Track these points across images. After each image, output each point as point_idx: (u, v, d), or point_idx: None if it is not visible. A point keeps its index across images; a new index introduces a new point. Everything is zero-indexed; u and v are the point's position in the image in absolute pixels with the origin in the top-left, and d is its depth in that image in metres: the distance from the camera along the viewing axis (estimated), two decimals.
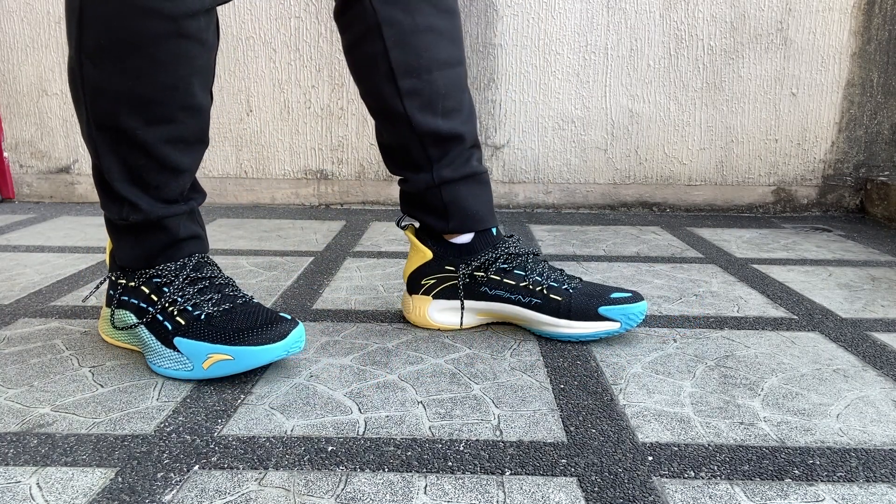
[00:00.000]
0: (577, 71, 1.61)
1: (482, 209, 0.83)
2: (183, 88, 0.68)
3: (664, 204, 1.68)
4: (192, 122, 0.71)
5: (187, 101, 0.69)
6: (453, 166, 0.80)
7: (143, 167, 0.71)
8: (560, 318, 0.80)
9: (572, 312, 0.80)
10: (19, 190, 1.72)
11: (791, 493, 0.52)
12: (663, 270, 1.14)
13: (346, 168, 1.69)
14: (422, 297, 0.85)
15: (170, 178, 0.72)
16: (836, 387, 0.70)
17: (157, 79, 0.67)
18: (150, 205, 0.72)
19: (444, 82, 0.77)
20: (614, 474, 0.54)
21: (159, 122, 0.69)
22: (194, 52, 0.67)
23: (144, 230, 0.73)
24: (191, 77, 0.68)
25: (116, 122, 0.68)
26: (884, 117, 1.62)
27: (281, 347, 0.68)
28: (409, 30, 0.74)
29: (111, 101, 0.67)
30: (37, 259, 1.17)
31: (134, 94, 0.67)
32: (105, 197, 0.73)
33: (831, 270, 1.15)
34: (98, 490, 0.51)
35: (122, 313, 0.75)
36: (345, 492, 0.51)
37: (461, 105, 0.80)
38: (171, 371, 0.71)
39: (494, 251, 0.82)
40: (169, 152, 0.70)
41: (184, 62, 0.67)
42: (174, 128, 0.70)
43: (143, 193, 0.72)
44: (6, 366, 0.74)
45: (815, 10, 1.56)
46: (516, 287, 0.82)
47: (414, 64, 0.76)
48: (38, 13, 1.61)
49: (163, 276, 0.73)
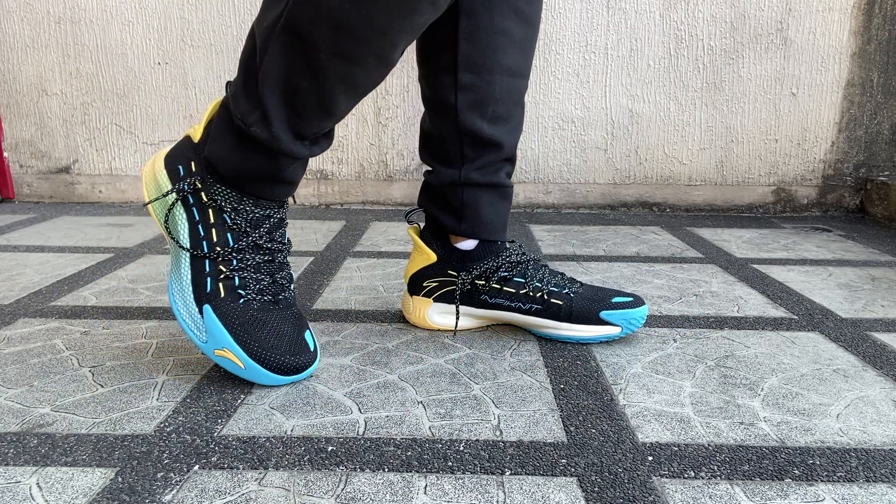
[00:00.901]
0: (577, 71, 1.61)
1: (496, 221, 0.82)
2: (390, 38, 0.62)
3: (664, 204, 1.68)
4: (376, 73, 0.65)
5: (385, 51, 0.63)
6: (482, 171, 0.80)
7: (301, 90, 0.63)
8: (562, 322, 0.80)
9: (573, 316, 0.80)
10: (19, 190, 1.72)
11: (791, 493, 0.52)
12: (663, 270, 1.14)
13: (346, 168, 1.69)
14: (423, 299, 0.85)
15: (317, 115, 0.65)
16: (836, 387, 0.70)
17: (376, 17, 0.60)
18: (282, 130, 0.65)
19: (502, 88, 0.77)
20: (614, 474, 0.54)
21: (347, 58, 0.62)
22: (423, 8, 0.61)
23: (256, 148, 0.66)
24: (403, 31, 0.62)
25: (310, 34, 0.60)
26: (884, 117, 1.62)
27: (290, 380, 0.68)
28: (485, 26, 0.74)
29: (319, 13, 0.60)
30: (37, 259, 1.17)
31: (344, 18, 0.60)
32: (242, 88, 0.65)
33: (831, 270, 1.15)
34: (98, 490, 0.51)
35: (180, 215, 0.69)
36: (345, 492, 0.51)
37: (510, 116, 0.79)
38: (185, 326, 0.68)
39: (496, 260, 0.82)
40: (336, 91, 0.64)
41: (408, 13, 0.60)
42: (356, 70, 0.63)
43: (285, 114, 0.64)
44: (6, 366, 0.74)
45: (815, 10, 1.56)
46: (516, 294, 0.81)
47: (478, 61, 0.75)
48: (38, 13, 1.61)
49: (237, 220, 0.68)
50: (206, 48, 1.62)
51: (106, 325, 0.86)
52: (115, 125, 1.68)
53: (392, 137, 1.66)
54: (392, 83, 1.62)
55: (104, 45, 1.63)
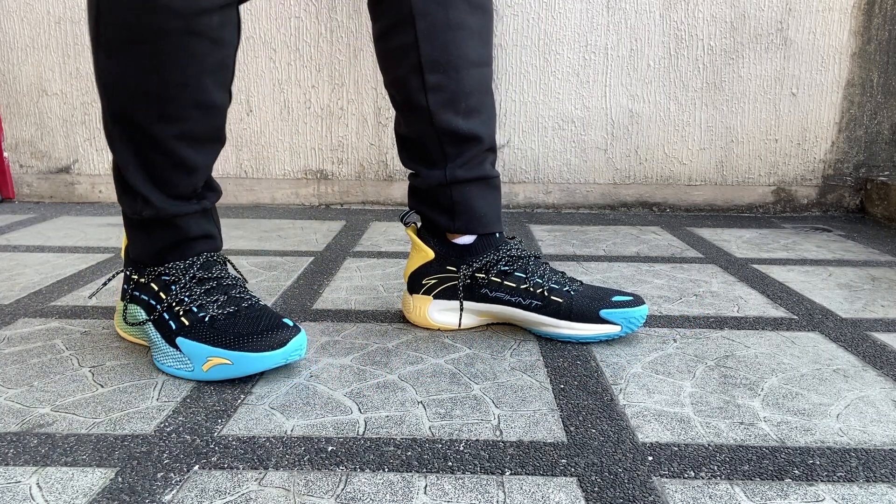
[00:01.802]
0: (577, 71, 1.61)
1: (490, 213, 0.83)
2: (194, 86, 0.68)
3: (664, 204, 1.68)
4: (206, 120, 0.70)
5: (199, 98, 0.69)
6: (467, 167, 0.80)
7: (156, 163, 0.70)
8: (561, 320, 0.80)
9: (573, 314, 0.79)
10: (19, 190, 1.72)
11: (791, 493, 0.52)
12: (663, 270, 1.14)
13: (346, 168, 1.69)
14: (422, 297, 0.85)
15: (182, 176, 0.72)
16: (836, 387, 0.70)
17: (168, 75, 0.66)
18: (162, 201, 0.72)
19: (470, 81, 0.77)
20: (614, 474, 0.54)
21: (171, 119, 0.68)
22: (205, 50, 0.67)
23: (155, 226, 0.73)
24: (202, 75, 0.68)
25: (130, 116, 0.68)
26: (884, 117, 1.62)
27: (280, 355, 0.68)
28: (442, 24, 0.74)
29: (125, 94, 0.67)
30: (37, 259, 1.17)
31: (145, 88, 0.67)
32: (120, 190, 0.74)
33: (831, 270, 1.15)
34: (98, 490, 0.51)
35: (134, 308, 0.76)
36: (345, 492, 0.51)
37: (483, 106, 0.79)
38: (173, 370, 0.71)
39: (496, 253, 0.82)
40: (181, 149, 0.70)
41: (194, 60, 0.67)
42: (186, 125, 0.69)
43: (156, 189, 0.72)
44: (6, 366, 0.74)
45: (815, 10, 1.56)
46: (517, 289, 0.81)
47: (442, 60, 0.75)
48: (38, 13, 1.61)
49: (171, 273, 0.73)
50: None
51: (106, 325, 0.86)
52: None
53: (392, 137, 1.66)
54: None
55: None
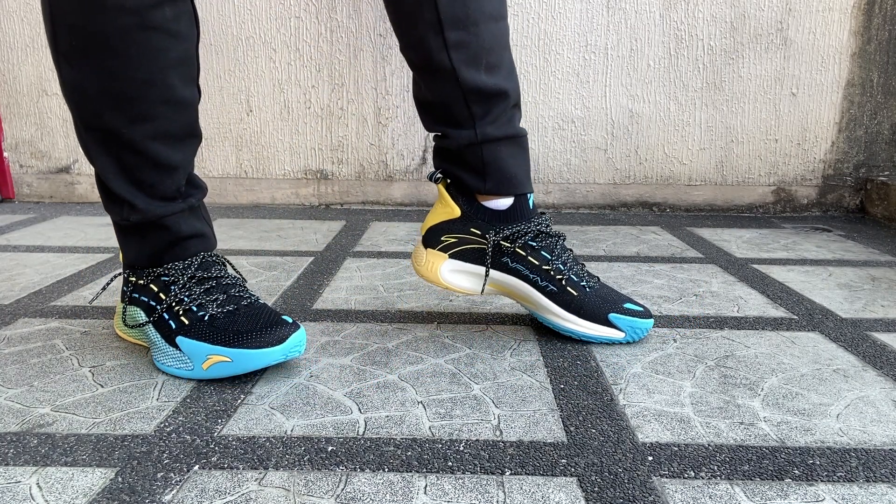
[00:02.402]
0: (577, 71, 1.61)
1: (520, 173, 0.80)
2: (160, 83, 0.67)
3: (664, 204, 1.68)
4: (177, 116, 0.70)
5: (167, 95, 0.68)
6: (497, 124, 0.77)
7: (134, 165, 0.70)
8: (569, 313, 0.79)
9: (583, 311, 0.79)
10: (19, 190, 1.72)
11: (791, 493, 0.52)
12: (663, 270, 1.14)
13: (346, 168, 1.69)
14: (437, 253, 0.82)
15: (163, 175, 0.71)
16: (836, 387, 0.70)
17: (131, 74, 0.66)
18: (147, 203, 0.71)
19: (489, 36, 0.75)
20: (614, 474, 0.54)
21: (142, 120, 0.68)
22: (164, 45, 0.66)
23: (146, 230, 0.73)
24: (166, 70, 0.67)
25: (101, 121, 0.68)
26: (884, 117, 1.62)
27: (279, 351, 0.68)
28: None
29: (92, 100, 0.67)
30: (37, 259, 1.17)
31: (111, 92, 0.66)
32: (105, 198, 0.74)
33: (831, 270, 1.15)
34: (98, 490, 0.51)
35: (133, 310, 0.75)
36: (345, 492, 0.51)
37: (502, 61, 0.77)
38: (173, 369, 0.71)
39: (528, 224, 0.80)
40: (158, 149, 0.70)
41: (155, 56, 0.66)
42: (158, 124, 0.69)
43: (139, 192, 0.71)
44: (6, 366, 0.74)
45: (815, 10, 1.56)
46: (538, 268, 0.80)
47: (462, 15, 0.73)
48: (37, 13, 1.61)
49: (170, 274, 0.73)
50: (206, 48, 1.62)
51: (106, 326, 0.86)
52: None
53: (392, 137, 1.66)
54: (392, 83, 1.62)
55: None
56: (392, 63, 1.62)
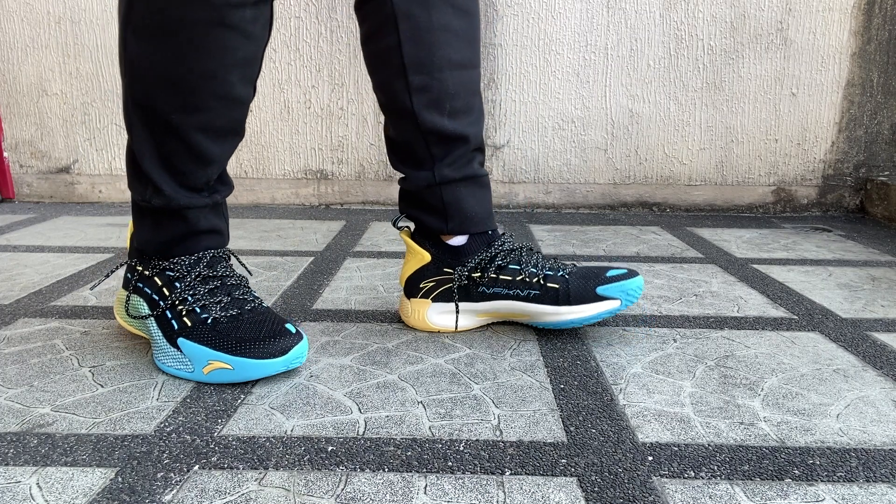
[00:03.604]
0: (577, 71, 1.61)
1: (481, 211, 0.83)
2: (221, 78, 0.67)
3: (664, 204, 1.68)
4: (228, 113, 0.70)
5: (224, 91, 0.68)
6: (455, 166, 0.80)
7: (172, 151, 0.70)
8: (560, 306, 0.80)
9: (571, 297, 0.80)
10: (19, 190, 1.72)
11: (791, 493, 0.52)
12: (663, 270, 1.14)
13: (346, 168, 1.69)
14: (421, 301, 0.84)
15: (198, 167, 0.71)
16: (836, 387, 0.70)
17: (195, 65, 0.66)
18: (174, 191, 0.71)
19: (455, 82, 0.77)
20: (614, 474, 0.54)
21: (193, 110, 0.68)
22: (236, 44, 0.66)
23: (164, 216, 0.72)
24: (230, 68, 0.67)
25: (153, 101, 0.68)
26: (884, 117, 1.62)
27: (281, 363, 0.68)
28: (425, 26, 0.74)
29: (149, 80, 0.67)
30: (37, 259, 1.17)
31: (171, 77, 0.66)
32: (132, 175, 0.73)
33: (831, 270, 1.15)
34: (98, 490, 0.51)
35: (137, 301, 0.75)
36: (345, 492, 0.51)
37: (470, 108, 0.80)
38: (173, 369, 0.71)
39: (489, 250, 0.82)
40: (200, 140, 0.70)
41: (224, 52, 0.66)
42: (208, 117, 0.69)
43: (170, 178, 0.71)
44: (6, 366, 0.74)
45: (815, 10, 1.56)
46: (513, 282, 0.81)
47: (426, 61, 0.75)
48: (38, 13, 1.61)
49: (176, 269, 0.73)
50: None
51: (106, 325, 0.86)
52: (115, 125, 1.68)
53: None
54: None
55: (104, 45, 1.63)
56: None
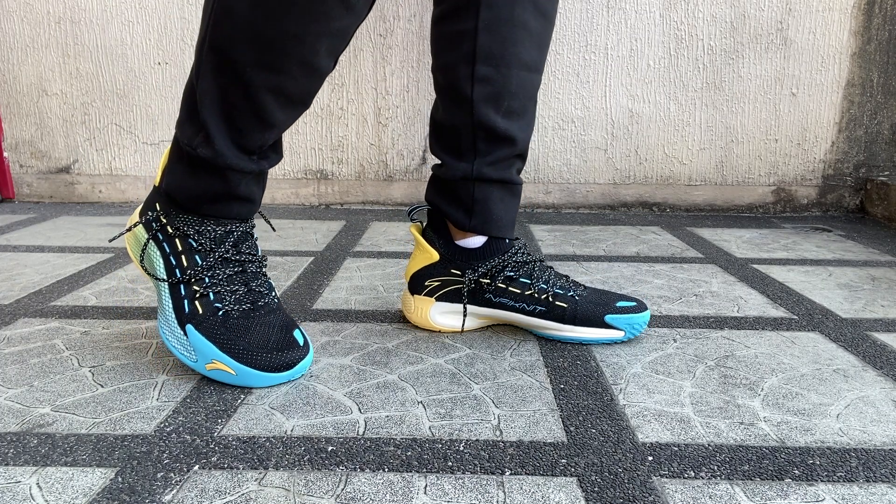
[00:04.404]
0: (577, 71, 1.61)
1: (506, 218, 0.82)
2: (309, 45, 0.64)
3: (664, 204, 1.68)
4: (304, 80, 0.66)
5: (307, 58, 0.64)
6: (495, 166, 0.79)
7: (236, 106, 0.66)
8: (565, 324, 0.80)
9: (577, 319, 0.80)
10: (19, 190, 1.72)
11: (791, 493, 0.52)
12: (663, 270, 1.14)
13: (346, 168, 1.69)
14: (424, 299, 0.84)
15: (256, 128, 0.67)
16: (836, 387, 0.70)
17: (288, 25, 0.62)
18: (225, 147, 0.67)
19: (518, 82, 0.76)
20: (614, 474, 0.54)
21: (270, 69, 0.64)
22: (335, 13, 0.63)
23: (204, 169, 0.68)
24: (321, 36, 0.64)
25: (231, 49, 0.63)
26: (884, 117, 1.62)
27: (284, 377, 0.68)
28: (506, 18, 0.73)
29: (234, 27, 0.62)
30: (37, 259, 1.17)
31: (259, 30, 0.62)
32: (186, 115, 0.68)
33: (831, 270, 1.15)
34: (98, 490, 0.51)
35: (154, 253, 0.72)
36: (345, 492, 0.51)
37: (525, 111, 0.79)
38: (177, 352, 0.70)
39: (503, 258, 0.81)
40: (268, 102, 0.66)
41: (321, 18, 0.62)
42: (283, 79, 0.65)
43: (226, 132, 0.67)
44: (6, 366, 0.74)
45: (815, 10, 1.56)
46: (521, 295, 0.81)
47: (497, 53, 0.74)
48: (38, 13, 1.61)
49: (199, 241, 0.70)
50: None
51: (106, 325, 0.86)
52: (115, 125, 1.68)
53: (392, 137, 1.66)
54: (392, 83, 1.62)
55: (104, 45, 1.63)
56: (392, 63, 1.62)
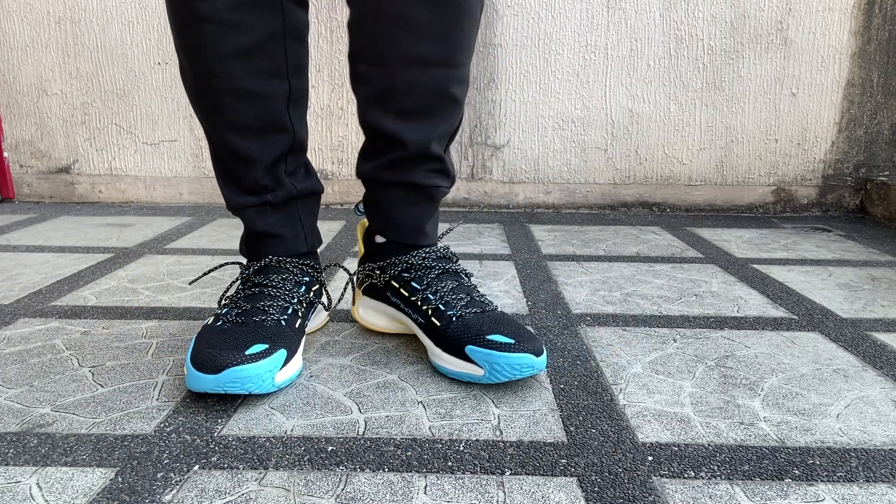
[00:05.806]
0: (577, 71, 1.61)
1: (409, 222, 0.76)
2: (220, 73, 0.66)
3: (664, 204, 1.68)
4: (246, 108, 0.68)
5: (230, 85, 0.67)
6: (392, 169, 0.74)
7: (218, 156, 0.73)
8: (436, 346, 0.71)
9: (445, 342, 0.70)
10: (19, 190, 1.72)
11: (791, 493, 0.52)
12: (663, 270, 1.14)
13: (346, 168, 1.69)
14: (358, 292, 0.84)
15: (242, 167, 0.72)
16: (836, 387, 0.70)
17: (195, 64, 0.67)
18: (231, 193, 0.74)
19: (405, 80, 0.68)
20: (614, 474, 0.54)
21: (212, 110, 0.69)
22: (218, 35, 0.65)
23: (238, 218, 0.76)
24: (224, 62, 0.66)
25: (195, 111, 0.71)
26: (884, 117, 1.62)
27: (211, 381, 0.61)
28: (372, 14, 0.67)
29: (188, 91, 0.71)
30: (37, 259, 1.17)
31: (189, 82, 0.69)
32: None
33: (831, 270, 1.15)
34: (98, 490, 0.51)
35: None
36: (345, 492, 0.51)
37: (427, 110, 0.70)
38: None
39: (399, 258, 0.76)
40: (233, 140, 0.70)
41: (209, 46, 0.65)
42: (228, 115, 0.69)
43: (228, 182, 0.74)
44: (6, 366, 0.74)
45: (815, 10, 1.56)
46: (408, 300, 0.75)
47: (370, 52, 0.69)
48: (38, 13, 1.61)
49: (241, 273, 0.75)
50: None
51: (106, 325, 0.86)
52: (115, 125, 1.68)
53: None
54: None
55: (104, 45, 1.63)
56: None
